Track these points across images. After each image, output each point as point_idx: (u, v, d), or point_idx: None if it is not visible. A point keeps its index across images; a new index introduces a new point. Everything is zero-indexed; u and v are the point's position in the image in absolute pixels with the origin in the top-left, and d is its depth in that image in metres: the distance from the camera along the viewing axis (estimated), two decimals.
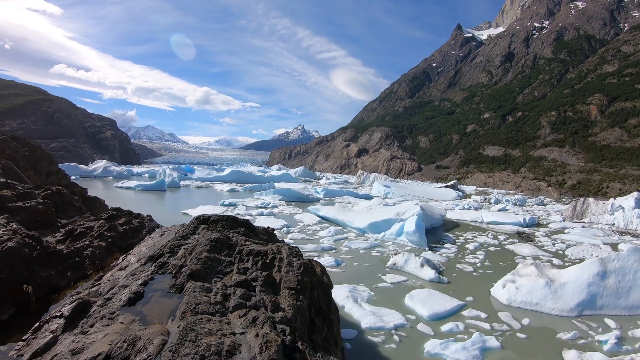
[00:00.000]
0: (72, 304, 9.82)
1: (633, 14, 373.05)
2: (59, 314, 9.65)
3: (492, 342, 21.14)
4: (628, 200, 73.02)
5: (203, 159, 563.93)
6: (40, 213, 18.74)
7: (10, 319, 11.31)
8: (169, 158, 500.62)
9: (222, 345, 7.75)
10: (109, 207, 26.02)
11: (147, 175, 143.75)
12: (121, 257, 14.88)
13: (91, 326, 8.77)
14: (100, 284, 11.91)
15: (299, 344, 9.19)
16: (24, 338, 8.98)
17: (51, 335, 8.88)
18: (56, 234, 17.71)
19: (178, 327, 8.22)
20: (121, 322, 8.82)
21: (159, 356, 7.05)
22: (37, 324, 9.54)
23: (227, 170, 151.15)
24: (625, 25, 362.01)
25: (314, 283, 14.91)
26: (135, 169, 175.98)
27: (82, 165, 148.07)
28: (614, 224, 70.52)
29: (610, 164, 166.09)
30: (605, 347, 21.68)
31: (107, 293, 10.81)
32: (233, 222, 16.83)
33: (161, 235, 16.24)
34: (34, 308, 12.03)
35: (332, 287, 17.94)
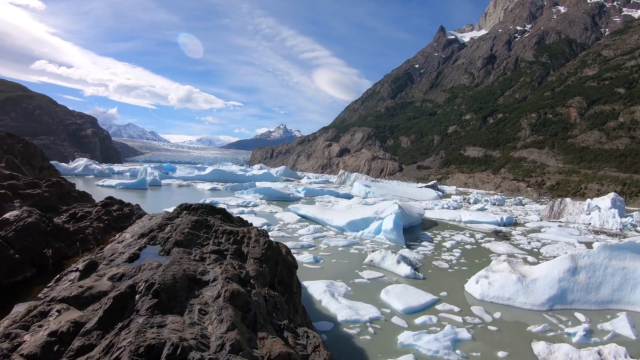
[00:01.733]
0: (84, 262, 12.21)
1: (614, 19, 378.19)
2: (74, 269, 12.11)
3: (464, 334, 21.72)
4: (604, 201, 74.36)
5: (184, 157, 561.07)
6: (46, 199, 21.81)
7: (32, 277, 14.21)
8: (150, 157, 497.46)
9: (197, 269, 11.51)
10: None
11: (128, 173, 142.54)
12: (118, 235, 17.43)
13: (101, 276, 11.08)
14: (103, 252, 14.30)
15: (251, 280, 12.31)
16: (47, 286, 11.30)
17: (70, 282, 11.27)
18: (61, 217, 20.25)
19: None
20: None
21: (157, 270, 10.60)
22: (57, 276, 11.92)
23: (209, 169, 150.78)
24: (606, 30, 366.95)
25: (278, 260, 17.43)
26: (117, 167, 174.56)
27: (63, 164, 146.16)
28: (590, 223, 71.75)
29: (589, 165, 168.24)
30: (574, 339, 22.35)
31: (110, 257, 13.21)
32: (211, 210, 19.11)
33: (150, 219, 18.45)
34: (50, 269, 14.97)
35: (296, 267, 20.69)
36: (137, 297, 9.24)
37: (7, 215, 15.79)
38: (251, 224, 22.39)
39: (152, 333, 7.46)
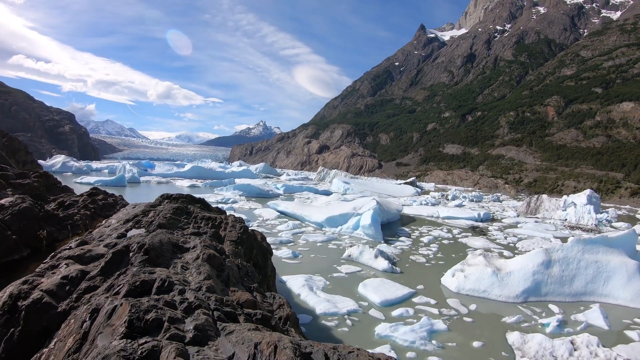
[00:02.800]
0: (77, 241, 13.34)
1: (593, 20, 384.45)
2: (67, 247, 12.97)
3: (440, 325, 21.97)
4: (580, 197, 75.51)
5: (163, 154, 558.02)
6: (35, 189, 23.52)
7: (27, 256, 15.95)
8: (129, 153, 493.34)
9: (179, 239, 13.39)
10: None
11: (106, 170, 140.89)
12: (104, 221, 18.77)
13: (96, 246, 12.80)
14: (92, 234, 15.53)
15: (227, 253, 14.06)
16: (44, 261, 11.78)
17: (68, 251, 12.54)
18: (50, 205, 21.75)
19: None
20: None
21: (147, 236, 12.66)
22: (52, 253, 12.41)
23: (188, 166, 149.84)
24: (585, 31, 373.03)
25: (254, 244, 19.05)
26: (95, 164, 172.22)
27: (40, 161, 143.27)
28: (566, 219, 72.79)
29: (566, 163, 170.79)
30: (548, 330, 22.72)
31: (99, 238, 14.44)
32: (191, 199, 20.32)
33: (133, 207, 19.43)
34: (44, 250, 16.73)
35: (270, 253, 22.19)
36: (130, 254, 11.36)
37: (2, 201, 17.39)
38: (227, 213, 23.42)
39: (145, 275, 9.55)
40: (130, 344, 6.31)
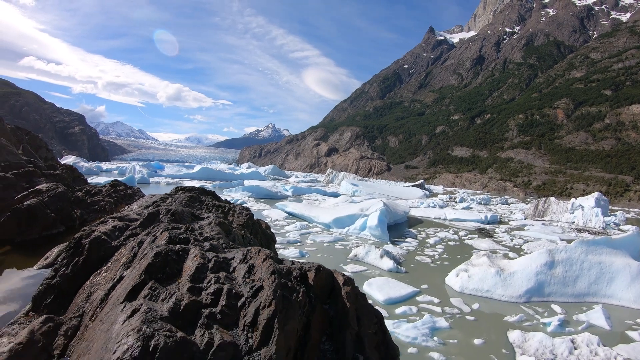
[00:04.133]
0: (111, 216, 15.52)
1: (602, 22, 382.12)
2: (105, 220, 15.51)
3: (442, 322, 22.42)
4: (588, 200, 75.39)
5: (173, 156, 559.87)
6: (63, 179, 27.57)
7: (62, 232, 19.59)
8: (138, 155, 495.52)
9: (195, 212, 16.53)
10: None
11: (116, 171, 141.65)
12: (126, 207, 21.43)
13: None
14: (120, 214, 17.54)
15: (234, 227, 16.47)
16: (83, 229, 13.59)
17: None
18: (78, 192, 24.80)
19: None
20: None
21: (169, 206, 15.98)
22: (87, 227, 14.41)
23: (197, 168, 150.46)
24: (594, 32, 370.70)
25: (258, 231, 20.95)
26: (105, 165, 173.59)
27: None
28: (573, 222, 72.76)
29: (575, 166, 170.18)
30: (549, 329, 23.11)
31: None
32: (203, 191, 21.86)
33: (151, 197, 21.07)
34: (77, 228, 19.36)
35: (274, 240, 24.14)
36: (160, 216, 14.60)
37: (40, 187, 21.33)
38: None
39: (174, 224, 12.67)
40: (171, 245, 9.55)
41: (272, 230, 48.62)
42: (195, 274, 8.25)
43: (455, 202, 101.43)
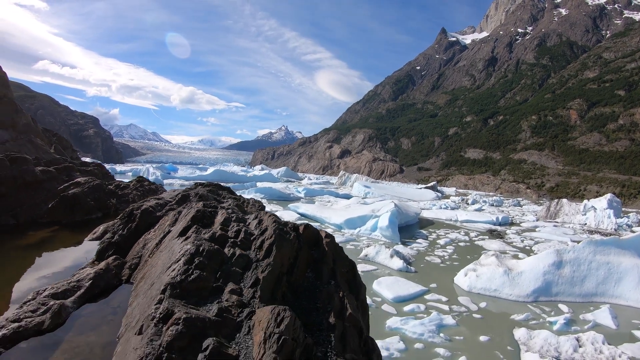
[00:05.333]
0: (150, 198, 20.15)
1: (615, 22, 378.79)
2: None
3: (449, 320, 22.97)
4: (601, 202, 75.30)
5: (186, 158, 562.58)
6: (95, 174, 31.34)
7: (100, 217, 23.10)
8: (152, 157, 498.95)
9: (217, 197, 20.00)
10: None
11: (130, 173, 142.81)
12: (153, 197, 22.95)
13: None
14: None
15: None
16: (132, 205, 18.44)
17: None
18: (109, 186, 27.71)
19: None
20: None
21: (197, 190, 20.58)
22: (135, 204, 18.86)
23: (210, 170, 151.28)
24: (607, 32, 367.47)
25: None
26: (119, 167, 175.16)
27: None
28: (585, 223, 72.64)
29: (589, 167, 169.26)
30: (555, 327, 23.56)
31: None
32: (220, 186, 23.82)
33: (173, 191, 23.23)
34: (111, 214, 23.60)
35: None
36: (190, 197, 19.04)
37: (78, 179, 25.35)
38: None
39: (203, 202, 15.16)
40: (204, 207, 13.27)
41: None
42: (223, 222, 12.14)
43: (467, 204, 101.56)
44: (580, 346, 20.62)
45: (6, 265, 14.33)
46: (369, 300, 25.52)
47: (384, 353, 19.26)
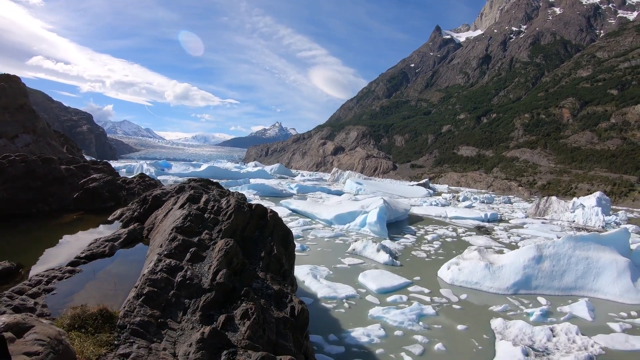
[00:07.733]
0: (156, 189, 29.87)
1: (609, 21, 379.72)
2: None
3: (429, 310, 24.02)
4: (590, 199, 76.46)
5: (180, 154, 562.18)
6: (104, 172, 35.33)
7: (113, 206, 28.05)
8: (146, 153, 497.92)
9: (206, 190, 25.52)
10: None
11: (124, 170, 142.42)
12: (159, 188, 31.15)
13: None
14: None
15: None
16: (144, 193, 27.28)
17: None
18: (117, 181, 32.98)
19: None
20: None
21: (191, 184, 26.62)
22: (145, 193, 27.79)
23: (204, 166, 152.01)
24: (601, 31, 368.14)
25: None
26: (112, 163, 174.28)
27: None
28: (574, 221, 73.67)
29: (580, 165, 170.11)
30: (531, 318, 24.61)
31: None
32: (209, 182, 28.53)
33: (171, 185, 30.05)
34: (122, 204, 28.60)
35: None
36: (186, 188, 24.41)
37: (94, 176, 30.78)
38: None
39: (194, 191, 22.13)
40: (194, 193, 21.16)
41: None
42: (205, 201, 19.29)
43: (458, 201, 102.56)
44: (554, 336, 21.55)
45: (58, 233, 20.78)
46: (353, 291, 26.52)
47: (365, 339, 20.30)
